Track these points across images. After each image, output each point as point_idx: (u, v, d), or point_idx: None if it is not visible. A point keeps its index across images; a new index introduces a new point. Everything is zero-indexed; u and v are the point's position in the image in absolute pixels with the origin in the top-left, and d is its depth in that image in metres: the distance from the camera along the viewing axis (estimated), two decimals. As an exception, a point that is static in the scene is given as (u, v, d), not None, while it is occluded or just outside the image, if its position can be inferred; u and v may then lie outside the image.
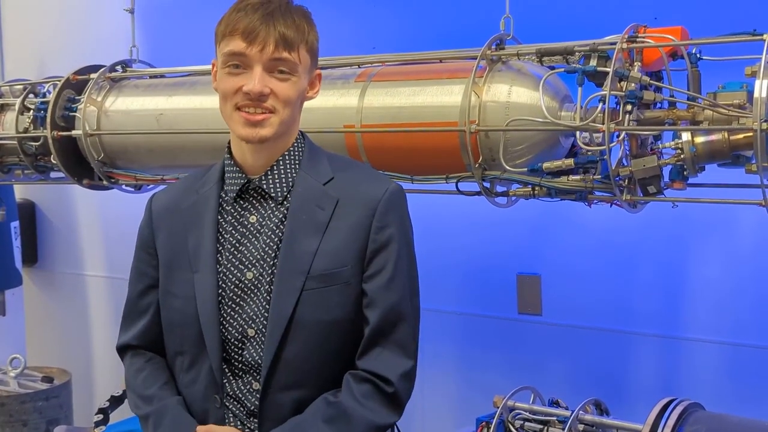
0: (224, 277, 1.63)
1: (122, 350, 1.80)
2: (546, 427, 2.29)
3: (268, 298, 1.60)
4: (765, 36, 1.89)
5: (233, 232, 1.64)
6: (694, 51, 2.07)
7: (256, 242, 1.62)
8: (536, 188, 2.19)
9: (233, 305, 1.62)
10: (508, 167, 2.17)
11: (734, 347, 2.63)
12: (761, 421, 2.06)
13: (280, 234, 1.61)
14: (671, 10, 2.53)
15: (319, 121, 2.33)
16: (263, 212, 1.63)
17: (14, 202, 3.88)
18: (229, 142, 1.67)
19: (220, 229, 1.65)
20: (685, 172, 2.05)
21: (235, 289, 1.62)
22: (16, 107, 3.01)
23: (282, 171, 1.64)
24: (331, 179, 1.64)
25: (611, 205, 2.16)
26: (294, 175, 1.64)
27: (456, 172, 2.27)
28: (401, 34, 3.05)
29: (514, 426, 2.32)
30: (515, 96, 2.16)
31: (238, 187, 1.64)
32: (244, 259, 1.62)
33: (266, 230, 1.62)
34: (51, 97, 2.91)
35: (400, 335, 1.61)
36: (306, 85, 1.62)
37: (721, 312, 2.64)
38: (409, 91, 2.32)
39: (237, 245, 1.63)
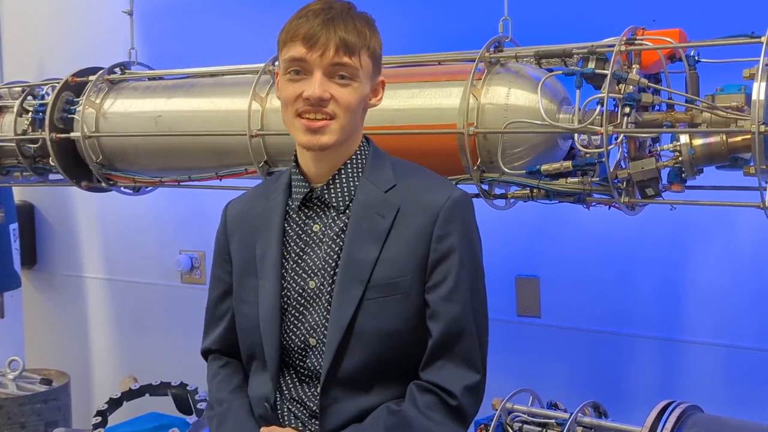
0: (288, 286, 1.63)
1: (205, 354, 1.85)
2: (544, 430, 2.30)
3: (328, 307, 1.59)
4: (763, 38, 1.89)
5: (297, 240, 1.64)
6: (692, 53, 2.07)
7: (318, 251, 1.62)
8: (534, 190, 2.18)
9: (296, 314, 1.62)
10: (506, 169, 2.17)
11: (732, 350, 2.63)
12: (760, 423, 2.06)
13: (341, 243, 1.60)
14: (670, 13, 2.53)
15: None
16: (326, 221, 1.63)
17: (13, 204, 3.87)
18: (296, 151, 1.68)
19: (286, 237, 1.65)
20: (683, 175, 2.04)
21: (299, 298, 1.62)
22: (15, 109, 3.00)
23: (344, 179, 1.63)
24: (393, 186, 1.62)
25: (609, 208, 2.16)
26: (356, 183, 1.63)
27: (454, 175, 2.27)
28: (400, 37, 3.04)
29: (512, 428, 2.33)
30: (513, 98, 2.16)
31: (301, 196, 1.64)
32: (306, 268, 1.62)
33: (328, 239, 1.61)
34: (49, 99, 2.90)
35: (464, 348, 1.59)
36: (368, 91, 1.62)
37: (719, 314, 2.64)
38: (408, 94, 2.32)
39: (301, 254, 1.63)
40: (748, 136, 1.89)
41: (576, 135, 2.10)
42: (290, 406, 1.64)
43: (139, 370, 3.78)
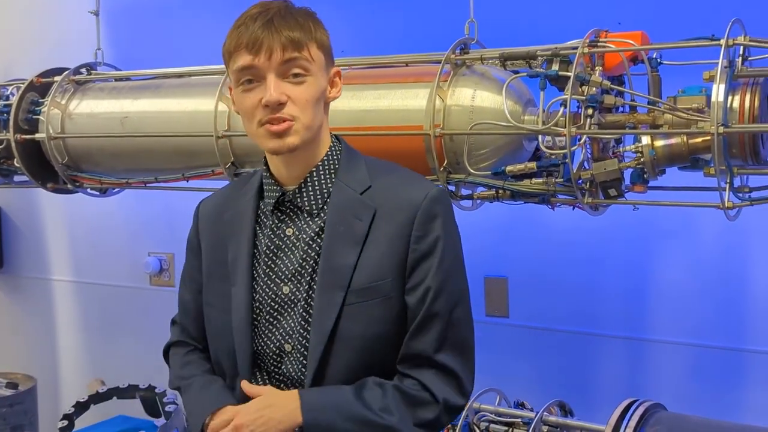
0: (261, 291, 1.61)
1: (168, 348, 1.81)
2: (511, 429, 2.32)
3: (304, 313, 1.57)
4: (722, 41, 1.92)
5: (270, 245, 1.61)
6: (654, 56, 2.10)
7: (292, 256, 1.59)
8: (500, 191, 2.20)
9: (270, 319, 1.60)
10: (472, 170, 2.18)
11: (696, 348, 2.66)
12: (720, 421, 2.09)
13: (317, 248, 1.57)
14: (635, 15, 2.56)
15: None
16: (299, 224, 1.60)
17: (-22, 206, 3.84)
18: (265, 155, 1.65)
19: (257, 242, 1.63)
20: (645, 175, 2.07)
21: (272, 303, 1.60)
22: (-21, 110, 2.98)
23: (316, 182, 1.60)
24: (369, 188, 1.59)
25: (574, 208, 2.18)
26: (329, 185, 1.60)
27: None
28: (368, 38, 3.05)
29: (479, 428, 2.34)
30: (479, 100, 2.18)
31: (273, 200, 1.62)
32: (280, 273, 1.60)
33: (302, 243, 1.59)
34: (14, 100, 2.88)
35: (448, 353, 1.56)
36: (325, 84, 1.58)
37: (683, 314, 2.67)
38: (375, 95, 2.33)
39: (274, 258, 1.61)
40: (708, 138, 1.92)
41: (540, 136, 2.11)
42: None
43: (107, 373, 3.76)
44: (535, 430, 2.22)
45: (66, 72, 2.93)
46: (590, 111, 2.02)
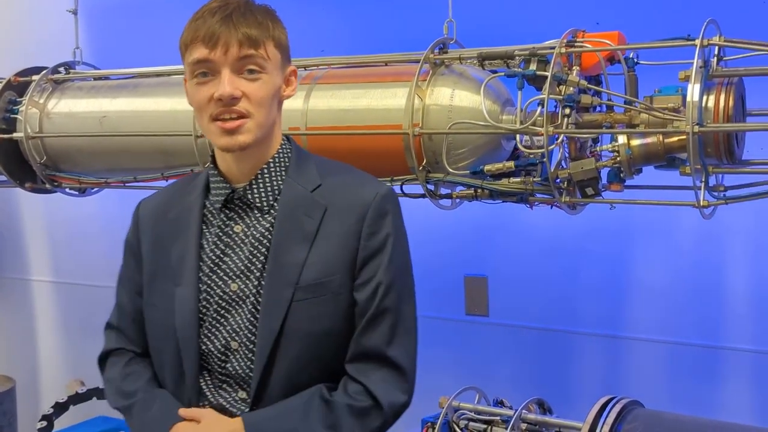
0: (208, 289, 1.59)
1: (105, 356, 1.76)
2: (490, 427, 2.32)
3: (253, 310, 1.56)
4: (697, 41, 1.93)
5: (217, 242, 1.60)
6: (631, 55, 2.11)
7: (240, 253, 1.58)
8: (479, 190, 2.21)
9: (217, 317, 1.58)
10: (451, 170, 2.19)
11: (673, 346, 2.68)
12: (696, 417, 2.10)
13: (267, 244, 1.57)
14: (612, 15, 2.58)
15: (264, 124, 2.33)
16: (248, 221, 1.59)
17: (-44, 206, 3.81)
18: (212, 151, 1.63)
19: (204, 241, 1.61)
20: (621, 174, 2.08)
21: (220, 301, 1.58)
22: (-44, 109, 2.96)
23: (267, 179, 1.59)
24: (319, 186, 1.59)
25: (552, 207, 2.19)
26: (280, 182, 1.60)
27: (401, 175, 2.28)
28: (347, 38, 3.06)
29: (459, 426, 2.34)
30: (458, 99, 2.19)
31: (222, 198, 1.60)
32: (228, 270, 1.58)
33: (251, 240, 1.58)
34: (-9, 99, 2.87)
35: (394, 349, 1.55)
36: (280, 82, 1.57)
37: (660, 311, 2.70)
38: (354, 94, 2.33)
39: (222, 256, 1.59)
40: (684, 137, 1.93)
41: (518, 136, 2.13)
42: None
43: (86, 374, 3.72)
44: (514, 428, 2.23)
45: (44, 71, 2.92)
46: (568, 110, 2.04)
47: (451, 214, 2.40)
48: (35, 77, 2.90)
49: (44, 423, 2.79)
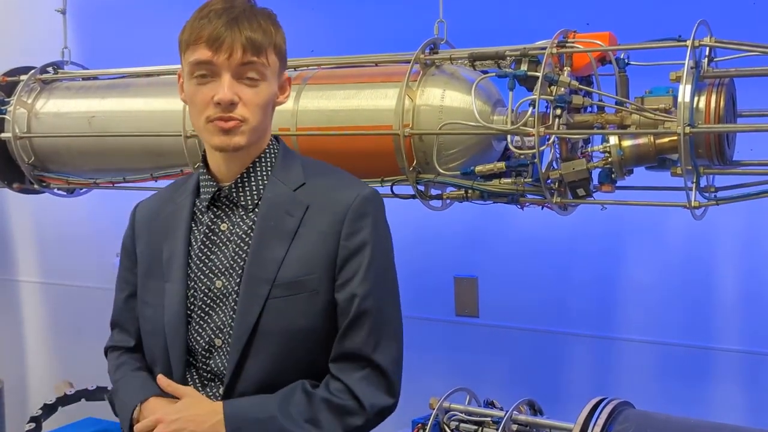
0: (195, 286, 1.60)
1: (105, 352, 1.81)
2: (481, 428, 2.31)
3: (235, 307, 1.57)
4: (688, 42, 1.93)
5: (205, 240, 1.61)
6: (622, 56, 2.11)
7: (225, 250, 1.59)
8: (469, 191, 2.21)
9: (202, 314, 1.60)
10: (441, 170, 2.19)
11: (664, 346, 2.69)
12: (687, 417, 2.10)
13: (249, 242, 1.58)
14: (603, 16, 2.58)
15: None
16: (234, 220, 1.61)
17: (-57, 206, 3.79)
18: (204, 152, 1.65)
19: (192, 238, 1.63)
20: (613, 175, 2.08)
21: (205, 299, 1.59)
22: (-56, 109, 2.93)
23: (253, 178, 1.61)
24: (303, 185, 1.60)
25: (542, 208, 2.19)
26: (265, 181, 1.61)
27: (391, 175, 2.28)
28: (337, 38, 3.05)
29: (449, 427, 2.34)
30: (448, 100, 2.18)
31: (209, 196, 1.62)
32: (213, 267, 1.60)
33: (236, 238, 1.59)
34: (-21, 99, 2.85)
35: (379, 351, 1.56)
36: (276, 89, 1.59)
37: (651, 312, 2.70)
38: (344, 95, 2.33)
39: (208, 253, 1.61)
40: (675, 138, 1.93)
41: (509, 136, 2.12)
42: None
43: (75, 375, 3.71)
44: (505, 429, 2.23)
45: (32, 71, 2.90)
46: (559, 111, 2.03)
47: (441, 215, 2.40)
48: (23, 77, 2.88)
49: (33, 425, 2.77)
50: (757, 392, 2.58)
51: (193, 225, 1.64)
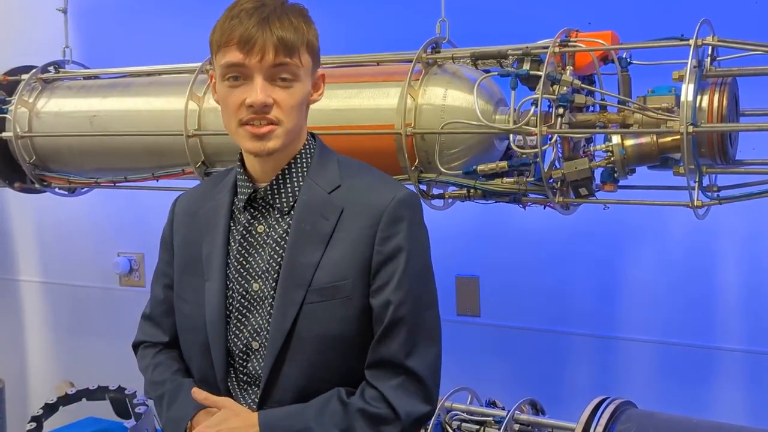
0: (233, 287, 1.59)
1: (137, 346, 1.79)
2: (482, 428, 2.32)
3: (271, 311, 1.55)
4: (691, 41, 1.93)
5: (242, 241, 1.60)
6: (624, 55, 2.11)
7: (263, 253, 1.58)
8: (471, 191, 2.20)
9: (240, 317, 1.58)
10: (443, 170, 2.18)
11: (665, 346, 2.68)
12: (689, 417, 2.10)
13: (285, 245, 1.56)
14: (606, 15, 2.57)
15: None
16: (270, 222, 1.59)
17: (-56, 206, 3.79)
18: (240, 150, 1.62)
19: (231, 238, 1.61)
20: (615, 175, 2.08)
21: (243, 301, 1.58)
22: (-55, 108, 2.93)
23: (288, 180, 1.58)
24: (338, 187, 1.58)
25: (545, 207, 2.19)
26: (301, 182, 1.58)
27: (393, 175, 2.26)
28: (339, 37, 3.04)
29: (451, 427, 2.34)
30: (450, 99, 2.18)
31: (245, 197, 1.60)
32: (251, 270, 1.58)
33: (271, 241, 1.57)
34: (-20, 99, 2.84)
35: (414, 358, 1.53)
36: (309, 88, 1.56)
37: (653, 312, 2.70)
38: (346, 94, 2.32)
39: (246, 255, 1.59)
40: (678, 137, 1.93)
41: (512, 135, 2.12)
42: None
43: (76, 375, 3.71)
44: (507, 429, 2.23)
45: (33, 70, 2.90)
46: (561, 110, 2.03)
47: (443, 214, 2.40)
48: (24, 76, 2.88)
49: (33, 424, 2.76)
50: (759, 392, 2.58)
51: (232, 224, 1.62)
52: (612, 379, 2.77)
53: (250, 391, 1.59)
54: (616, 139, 2.06)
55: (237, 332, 1.59)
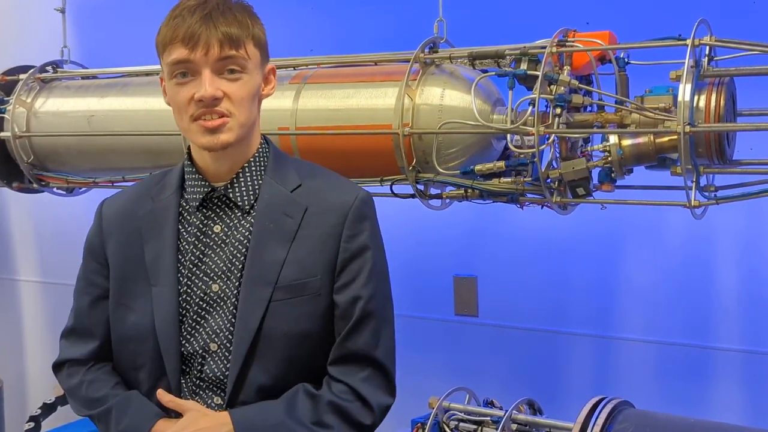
0: (188, 290, 1.56)
1: (59, 366, 1.71)
2: (480, 427, 2.31)
3: (234, 311, 1.53)
4: (688, 41, 1.93)
5: (196, 243, 1.56)
6: (622, 55, 2.11)
7: (221, 253, 1.55)
8: (469, 191, 2.20)
9: (198, 319, 1.55)
10: (441, 170, 2.18)
11: (663, 346, 2.68)
12: (686, 417, 2.10)
13: (248, 244, 1.54)
14: (603, 15, 2.58)
15: (253, 124, 2.32)
16: (228, 222, 1.57)
17: (-58, 205, 3.78)
18: (188, 149, 1.60)
19: (181, 241, 1.58)
20: (612, 174, 2.08)
21: (200, 303, 1.55)
22: (-57, 108, 2.93)
23: (248, 178, 1.57)
24: (299, 186, 1.58)
25: (542, 207, 2.19)
26: (260, 182, 1.58)
27: (390, 175, 2.28)
28: (336, 37, 3.05)
29: (448, 427, 2.34)
30: (448, 99, 2.18)
31: (201, 196, 1.57)
32: (209, 271, 1.55)
33: (232, 240, 1.55)
34: (-22, 99, 2.85)
35: (379, 350, 1.56)
36: (260, 81, 1.55)
37: (651, 311, 2.70)
38: (344, 94, 2.32)
39: (201, 257, 1.56)
40: (675, 137, 1.93)
41: (509, 135, 2.12)
42: None
43: (74, 375, 3.71)
44: (505, 429, 2.23)
45: (31, 70, 2.90)
46: (558, 110, 2.03)
47: (440, 214, 2.40)
48: (22, 76, 2.88)
49: (32, 424, 2.77)
50: (756, 391, 2.58)
51: (180, 227, 1.59)
52: (609, 378, 2.77)
53: (203, 395, 1.56)
54: (613, 139, 2.06)
55: (194, 333, 1.55)
